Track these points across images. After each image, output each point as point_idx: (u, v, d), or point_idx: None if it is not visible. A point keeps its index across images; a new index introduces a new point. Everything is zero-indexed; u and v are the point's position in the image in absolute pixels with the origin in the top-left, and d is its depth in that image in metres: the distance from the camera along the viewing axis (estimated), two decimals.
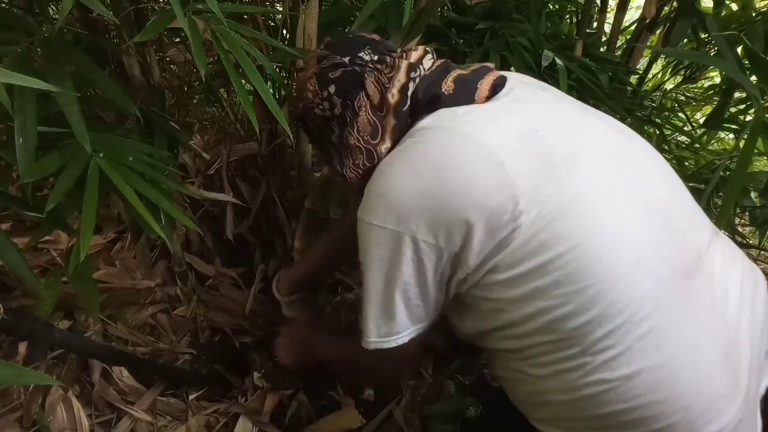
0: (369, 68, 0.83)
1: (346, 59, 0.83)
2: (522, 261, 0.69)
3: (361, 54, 0.84)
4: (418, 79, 0.81)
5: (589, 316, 0.67)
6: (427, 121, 0.78)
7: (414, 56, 0.84)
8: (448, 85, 0.80)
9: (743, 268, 0.78)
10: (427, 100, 0.80)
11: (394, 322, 0.79)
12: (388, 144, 0.81)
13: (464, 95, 0.79)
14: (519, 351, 0.75)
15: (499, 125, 0.75)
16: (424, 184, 0.72)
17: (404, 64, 0.82)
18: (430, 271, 0.75)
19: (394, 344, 0.81)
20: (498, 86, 0.81)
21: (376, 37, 0.88)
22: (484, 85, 0.80)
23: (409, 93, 0.80)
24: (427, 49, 0.87)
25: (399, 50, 0.87)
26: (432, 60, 0.85)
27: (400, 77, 0.81)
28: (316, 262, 1.27)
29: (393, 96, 0.80)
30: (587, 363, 0.69)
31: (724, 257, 0.77)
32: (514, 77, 0.85)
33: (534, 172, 0.70)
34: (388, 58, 0.84)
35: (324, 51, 0.86)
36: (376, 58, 0.84)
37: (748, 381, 0.71)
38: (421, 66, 0.83)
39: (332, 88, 0.83)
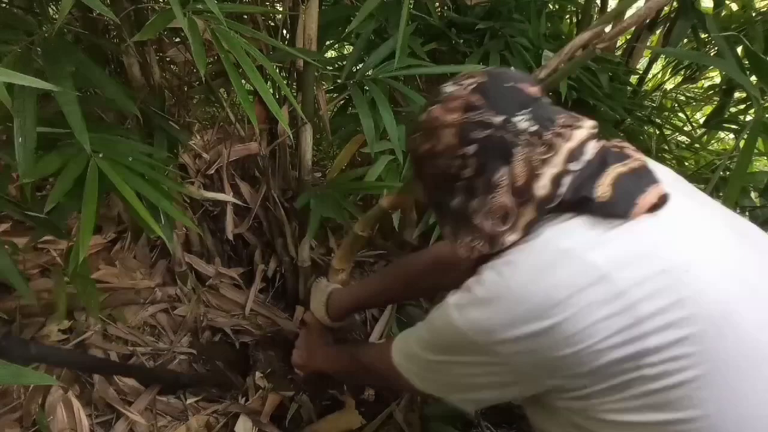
0: (522, 140, 0.67)
1: (500, 120, 0.67)
2: (635, 411, 0.62)
3: (518, 119, 0.67)
4: (574, 173, 0.67)
5: None
6: (560, 236, 0.65)
7: (577, 138, 0.68)
8: (603, 189, 0.65)
9: None
10: (574, 200, 0.66)
11: (437, 390, 0.79)
12: (516, 237, 0.67)
13: (620, 208, 0.64)
14: None
15: (642, 256, 0.62)
16: (536, 322, 0.62)
17: (564, 149, 0.67)
18: (513, 390, 0.71)
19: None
20: (658, 206, 0.66)
21: (537, 92, 0.71)
22: (645, 202, 0.65)
23: (562, 190, 0.66)
24: (594, 130, 0.71)
25: (561, 121, 0.70)
26: (595, 147, 0.70)
27: (556, 164, 0.67)
28: (372, 295, 1.22)
29: (542, 188, 0.66)
30: None
31: None
32: (670, 186, 0.69)
33: (673, 323, 0.59)
34: (546, 134, 0.68)
35: (476, 98, 0.69)
36: (533, 129, 0.67)
37: None
38: (583, 155, 0.68)
39: (472, 149, 0.68)
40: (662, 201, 0.66)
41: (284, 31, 1.31)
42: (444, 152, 0.71)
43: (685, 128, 1.89)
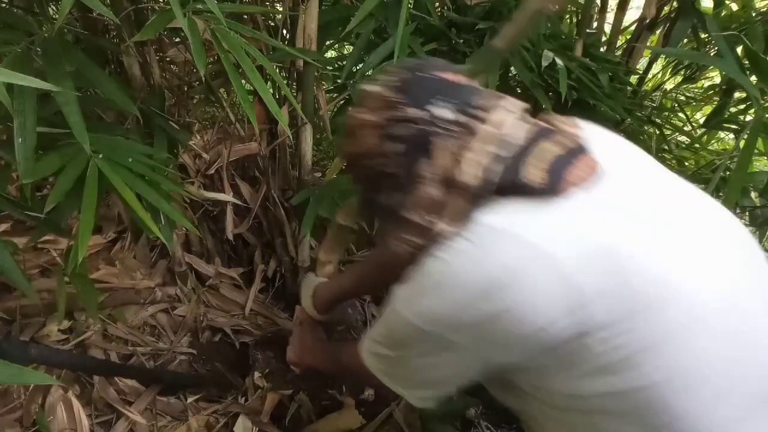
0: (442, 130, 0.67)
1: (420, 114, 0.67)
2: (589, 384, 0.63)
3: (435, 109, 0.67)
4: (496, 155, 0.66)
5: None
6: (494, 218, 0.64)
7: (496, 120, 0.67)
8: (532, 173, 0.65)
9: None
10: (502, 182, 0.66)
11: (407, 390, 0.79)
12: (446, 224, 0.67)
13: (548, 184, 0.65)
14: None
15: (581, 235, 0.62)
16: (483, 305, 0.62)
17: (483, 132, 0.67)
18: (472, 374, 0.71)
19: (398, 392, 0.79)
20: (589, 177, 0.66)
21: (460, 79, 0.71)
22: (573, 176, 0.65)
23: (483, 172, 0.66)
24: (513, 108, 0.70)
25: (480, 104, 0.69)
26: (515, 125, 0.69)
27: (480, 152, 0.66)
28: (354, 285, 1.21)
29: (464, 172, 0.66)
30: None
31: None
32: (605, 155, 0.69)
33: (617, 299, 0.60)
34: (466, 119, 0.67)
35: (397, 96, 0.69)
36: (452, 117, 0.67)
37: None
38: (502, 137, 0.67)
39: (394, 146, 0.69)
40: (593, 172, 0.66)
41: (284, 31, 1.31)
42: (368, 152, 0.72)
43: (685, 128, 1.89)
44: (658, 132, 1.67)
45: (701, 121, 1.90)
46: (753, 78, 1.21)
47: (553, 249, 0.61)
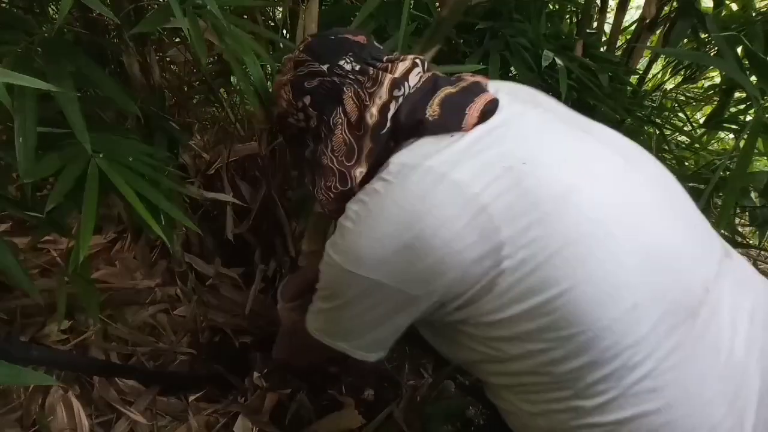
0: (349, 80, 0.75)
1: (325, 67, 0.75)
2: (508, 305, 0.65)
3: (341, 62, 0.75)
4: (401, 99, 0.73)
5: (580, 362, 0.64)
6: (405, 156, 0.70)
7: (400, 69, 0.75)
8: (433, 109, 0.71)
9: (756, 292, 0.72)
10: (410, 124, 0.72)
11: (347, 342, 0.79)
12: (363, 168, 0.74)
13: (451, 121, 0.70)
14: (509, 386, 0.74)
15: (484, 160, 0.67)
16: (400, 236, 0.66)
17: (387, 80, 0.73)
18: (402, 315, 0.73)
19: (341, 350, 0.80)
20: (489, 111, 0.72)
21: (361, 39, 0.79)
22: (474, 110, 0.71)
23: (390, 114, 0.72)
24: (417, 60, 0.78)
25: (385, 58, 0.77)
26: (420, 74, 0.76)
27: (382, 94, 0.73)
28: (313, 272, 1.23)
29: (372, 116, 0.73)
30: (579, 406, 0.66)
31: (735, 284, 0.70)
32: (506, 94, 0.75)
33: (520, 213, 0.64)
34: (371, 70, 0.75)
35: (302, 55, 0.78)
36: (357, 68, 0.75)
37: (755, 418, 0.66)
38: (406, 83, 0.74)
39: (307, 99, 0.77)
40: (492, 106, 0.72)
41: (284, 31, 1.31)
42: (287, 110, 0.79)
43: (685, 128, 1.89)
44: (658, 132, 1.67)
45: (701, 121, 1.90)
46: (753, 78, 1.21)
47: (456, 173, 0.65)
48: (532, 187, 0.64)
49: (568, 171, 0.67)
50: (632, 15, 1.65)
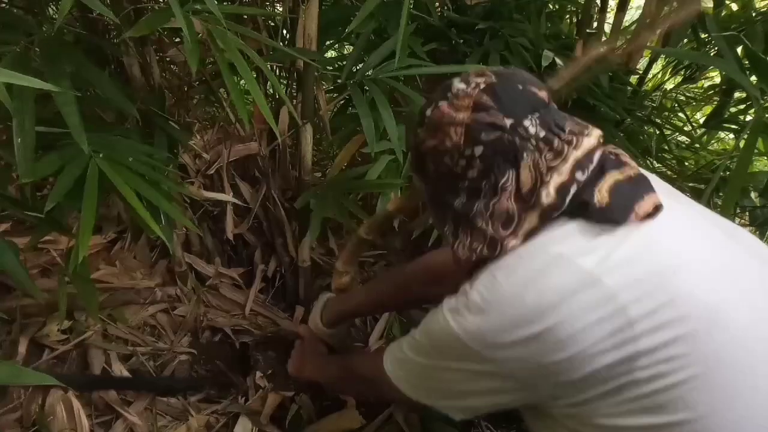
0: (531, 146, 0.67)
1: (509, 122, 0.66)
2: (631, 415, 0.61)
3: (527, 123, 0.67)
4: (582, 184, 0.66)
5: None
6: (557, 244, 0.65)
7: (585, 146, 0.67)
8: (602, 195, 0.65)
9: None
10: (573, 207, 0.65)
11: (431, 401, 0.78)
12: (518, 242, 0.66)
13: (618, 214, 0.64)
14: None
15: (636, 268, 0.61)
16: (531, 327, 0.62)
17: (572, 158, 0.66)
18: (507, 397, 0.70)
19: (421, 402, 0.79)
20: (653, 214, 0.66)
21: (546, 96, 0.71)
22: (642, 210, 0.65)
23: (568, 198, 0.65)
24: (600, 135, 0.70)
25: (568, 130, 0.69)
26: (600, 151, 0.69)
27: (563, 172, 0.66)
28: (367, 302, 1.22)
29: (548, 195, 0.65)
30: None
31: None
32: (664, 195, 0.68)
33: (664, 326, 0.59)
34: (555, 141, 0.67)
35: (485, 98, 0.68)
36: (542, 134, 0.67)
37: None
38: (590, 164, 0.67)
39: (479, 150, 0.68)
40: (657, 210, 0.66)
41: (284, 31, 1.31)
42: (450, 150, 0.69)
43: (685, 128, 1.89)
44: (658, 132, 1.67)
45: (701, 121, 1.90)
46: (753, 78, 1.21)
47: (607, 277, 0.60)
48: (679, 299, 0.60)
49: (722, 289, 0.62)
50: (632, 15, 1.65)
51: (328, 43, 1.50)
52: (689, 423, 0.59)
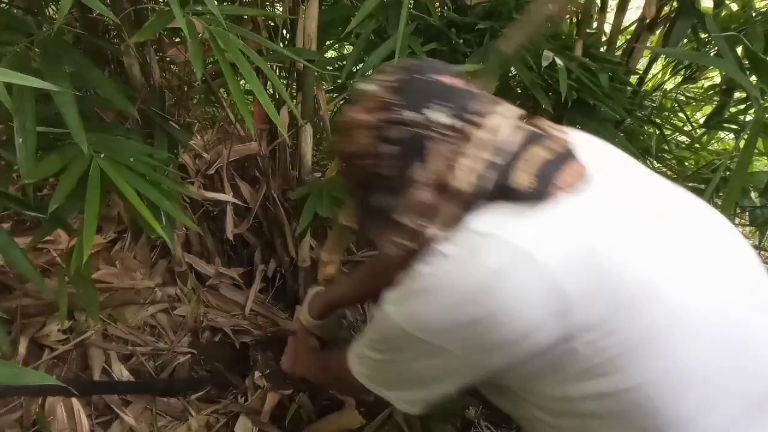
0: (436, 134, 0.66)
1: (413, 116, 0.66)
2: (576, 384, 0.63)
3: (431, 113, 0.66)
4: (492, 163, 0.65)
5: None
6: (480, 223, 0.65)
7: (492, 126, 0.67)
8: (522, 177, 0.65)
9: None
10: (494, 190, 0.65)
11: (393, 392, 0.79)
12: (439, 230, 0.67)
13: (539, 190, 0.64)
14: None
15: (566, 240, 0.62)
16: (469, 309, 0.63)
17: (479, 140, 0.66)
18: (458, 378, 0.71)
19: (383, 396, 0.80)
20: (576, 183, 0.66)
21: (457, 82, 0.70)
22: (561, 181, 0.65)
23: (478, 180, 0.65)
24: (510, 115, 0.70)
25: (476, 109, 0.68)
26: (512, 133, 0.68)
27: (474, 158, 0.65)
28: (350, 291, 1.22)
29: (458, 180, 0.65)
30: None
31: None
32: (593, 161, 0.69)
33: (599, 299, 0.60)
34: (462, 125, 0.66)
35: (391, 96, 0.68)
36: (447, 121, 0.66)
37: None
38: (499, 144, 0.66)
39: (388, 148, 0.68)
40: (581, 178, 0.66)
41: (284, 31, 1.31)
42: (362, 153, 0.70)
43: (685, 128, 1.89)
44: (658, 132, 1.67)
45: (701, 121, 1.89)
46: (753, 78, 1.21)
47: (537, 252, 0.61)
48: (613, 273, 0.61)
49: (651, 258, 0.63)
50: (632, 15, 1.65)
51: (328, 43, 1.50)
52: (632, 390, 0.60)
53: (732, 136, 1.91)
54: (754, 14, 1.46)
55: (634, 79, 1.70)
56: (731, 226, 0.72)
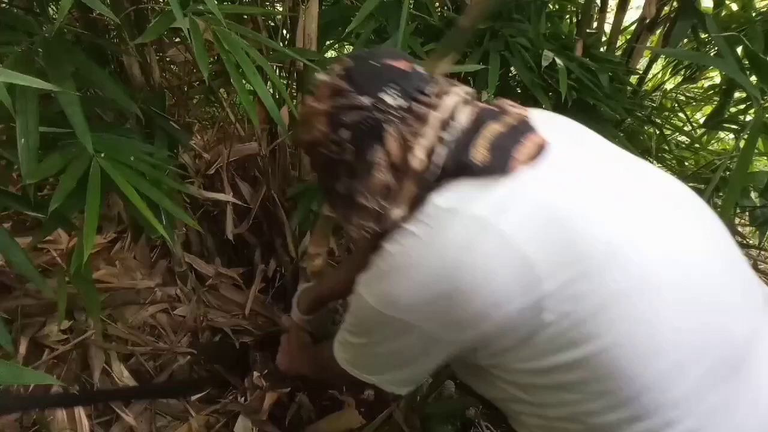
0: (391, 116, 0.68)
1: (366, 100, 0.68)
2: (547, 355, 0.64)
3: (384, 95, 0.68)
4: (448, 142, 0.68)
5: (619, 415, 0.63)
6: (444, 199, 0.66)
7: (447, 106, 0.69)
8: (478, 150, 0.66)
9: None
10: (453, 166, 0.67)
11: (376, 377, 0.80)
12: (402, 210, 0.69)
13: (495, 164, 0.66)
14: (541, 426, 0.72)
15: (529, 210, 0.63)
16: (438, 284, 0.64)
17: (433, 119, 0.68)
18: (434, 356, 0.72)
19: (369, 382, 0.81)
20: (536, 154, 0.67)
21: (406, 66, 0.71)
22: (521, 153, 0.66)
23: (435, 158, 0.67)
24: (463, 93, 0.72)
25: (429, 90, 0.70)
26: (466, 110, 0.70)
27: (428, 136, 0.67)
28: (338, 284, 1.22)
29: (416, 159, 0.67)
30: None
31: None
32: (551, 131, 0.71)
33: (564, 266, 0.61)
34: (415, 105, 0.68)
35: (341, 83, 0.70)
36: (401, 103, 0.68)
37: None
38: (454, 122, 0.68)
39: (345, 134, 0.70)
40: (541, 150, 0.67)
41: (284, 31, 1.31)
42: (321, 140, 0.72)
43: (685, 128, 1.89)
44: (658, 132, 1.67)
45: (701, 121, 1.90)
46: (753, 78, 1.21)
47: (501, 223, 0.62)
48: (576, 239, 0.62)
49: (614, 223, 0.64)
50: (632, 15, 1.65)
51: (328, 43, 1.50)
52: (601, 353, 0.61)
53: (732, 136, 1.92)
54: (754, 14, 1.46)
55: (634, 79, 1.70)
56: (692, 191, 0.73)
